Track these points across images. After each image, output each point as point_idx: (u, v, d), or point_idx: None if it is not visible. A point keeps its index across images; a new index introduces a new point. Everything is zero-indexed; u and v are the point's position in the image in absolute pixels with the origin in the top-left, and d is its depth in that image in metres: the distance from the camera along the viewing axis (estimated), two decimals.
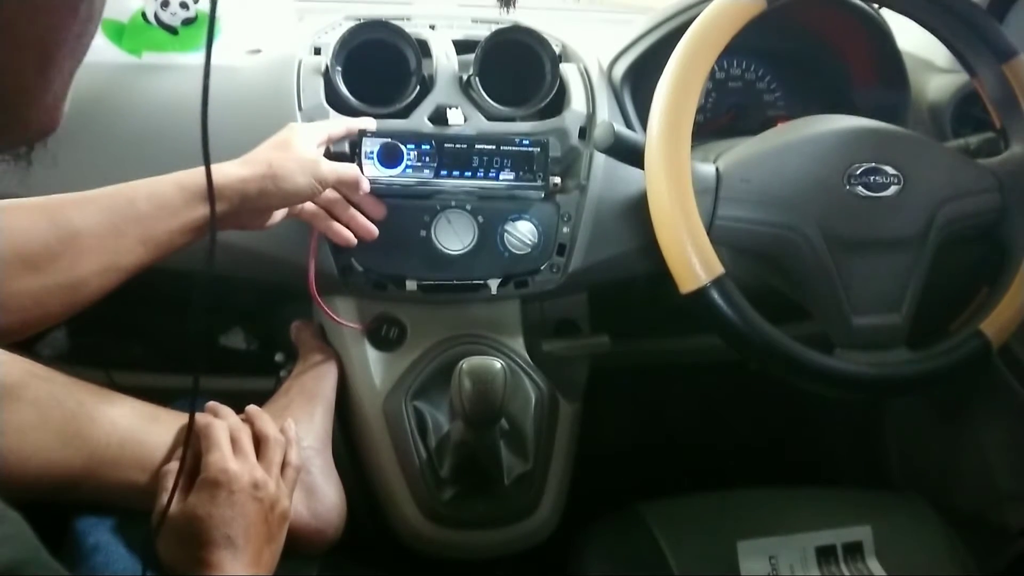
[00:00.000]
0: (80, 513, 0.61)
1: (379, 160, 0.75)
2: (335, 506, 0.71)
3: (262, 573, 0.59)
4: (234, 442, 0.63)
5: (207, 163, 0.51)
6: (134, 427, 0.63)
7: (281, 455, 0.66)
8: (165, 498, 0.58)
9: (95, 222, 0.54)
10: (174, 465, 0.61)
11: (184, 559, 0.57)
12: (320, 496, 0.70)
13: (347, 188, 0.71)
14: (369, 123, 0.74)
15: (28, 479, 0.58)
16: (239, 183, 0.61)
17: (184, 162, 0.75)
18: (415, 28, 0.85)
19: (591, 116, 0.82)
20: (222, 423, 0.64)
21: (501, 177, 0.78)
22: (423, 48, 0.80)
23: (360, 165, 0.75)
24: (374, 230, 0.74)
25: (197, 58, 0.80)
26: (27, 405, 0.60)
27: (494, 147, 0.77)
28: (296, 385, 0.78)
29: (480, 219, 0.78)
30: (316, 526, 0.69)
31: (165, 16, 0.78)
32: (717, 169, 0.72)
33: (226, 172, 0.61)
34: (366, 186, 0.72)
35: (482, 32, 0.80)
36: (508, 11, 0.75)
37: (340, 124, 0.72)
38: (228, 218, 0.62)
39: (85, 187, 0.74)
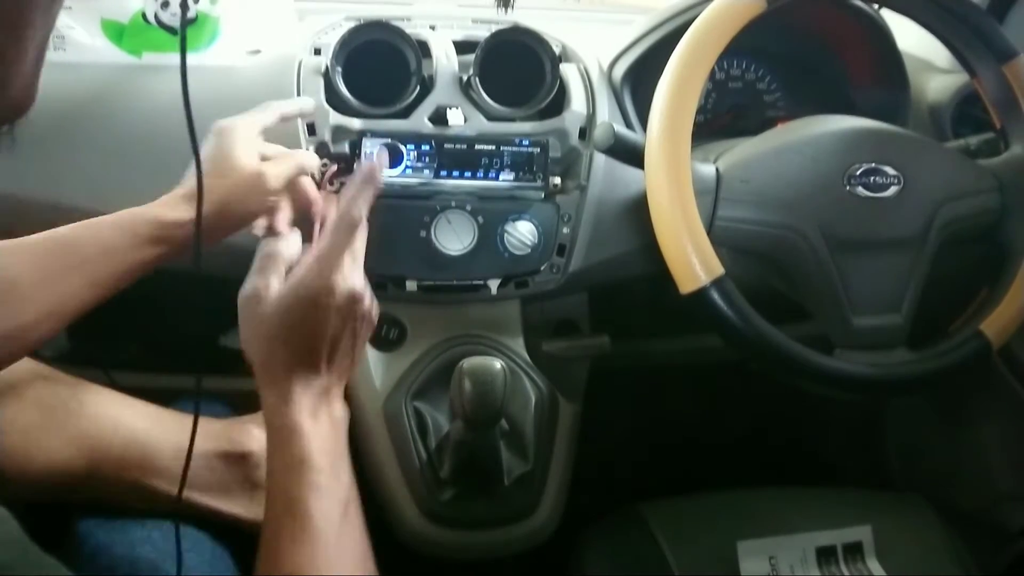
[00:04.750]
0: (83, 515, 0.61)
1: None
2: None
3: (337, 381, 0.55)
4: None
5: (198, 165, 0.51)
6: (137, 428, 0.63)
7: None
8: (260, 282, 0.54)
9: (34, 269, 0.53)
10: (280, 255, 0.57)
11: (261, 363, 0.53)
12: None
13: (294, 190, 0.67)
14: (306, 103, 0.69)
15: (31, 479, 0.58)
16: (189, 224, 0.58)
17: (185, 161, 0.75)
18: (415, 29, 0.85)
19: (591, 116, 0.82)
20: (353, 230, 0.56)
21: (501, 177, 0.78)
22: (423, 48, 0.80)
23: (360, 166, 0.75)
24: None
25: (197, 59, 0.80)
26: (30, 405, 0.60)
27: (494, 147, 0.77)
28: None
29: (480, 219, 0.78)
30: None
31: (165, 16, 0.78)
32: (717, 170, 0.72)
33: (171, 216, 0.58)
34: (314, 163, 0.67)
35: (482, 33, 0.80)
36: (506, 12, 0.75)
37: (273, 112, 0.66)
38: (178, 254, 0.59)
39: (87, 186, 0.74)
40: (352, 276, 0.55)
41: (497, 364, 0.69)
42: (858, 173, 0.73)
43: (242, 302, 0.55)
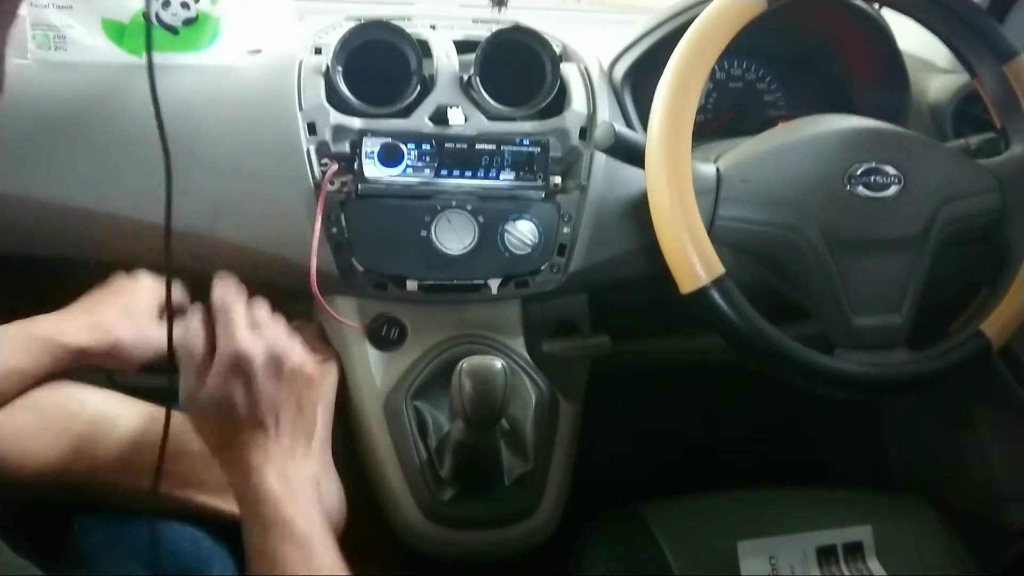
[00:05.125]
0: (80, 513, 0.61)
1: (379, 160, 0.76)
2: (335, 507, 0.71)
3: (298, 441, 0.58)
4: (251, 323, 0.59)
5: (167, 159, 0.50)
6: (136, 428, 0.63)
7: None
8: (190, 387, 0.56)
9: None
10: (196, 343, 0.57)
11: (217, 445, 0.57)
12: (320, 495, 0.69)
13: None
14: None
15: (29, 481, 0.58)
16: (88, 356, 0.62)
17: (184, 162, 0.75)
18: (416, 28, 0.85)
19: (592, 116, 0.82)
20: (237, 298, 0.59)
21: (501, 177, 0.78)
22: (424, 48, 0.80)
23: (360, 165, 0.76)
24: None
25: (198, 58, 0.80)
26: (28, 407, 0.60)
27: (495, 147, 0.77)
28: None
29: (480, 219, 0.78)
30: None
31: (166, 16, 0.78)
32: (718, 169, 0.72)
33: (72, 343, 0.62)
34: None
35: (483, 32, 0.80)
36: (500, 11, 0.76)
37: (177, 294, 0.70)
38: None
39: (87, 186, 0.74)
40: (257, 341, 0.56)
41: (497, 364, 0.69)
42: (859, 173, 0.72)
43: (185, 404, 0.56)
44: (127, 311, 0.66)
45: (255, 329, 0.57)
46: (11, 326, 0.61)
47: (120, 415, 0.64)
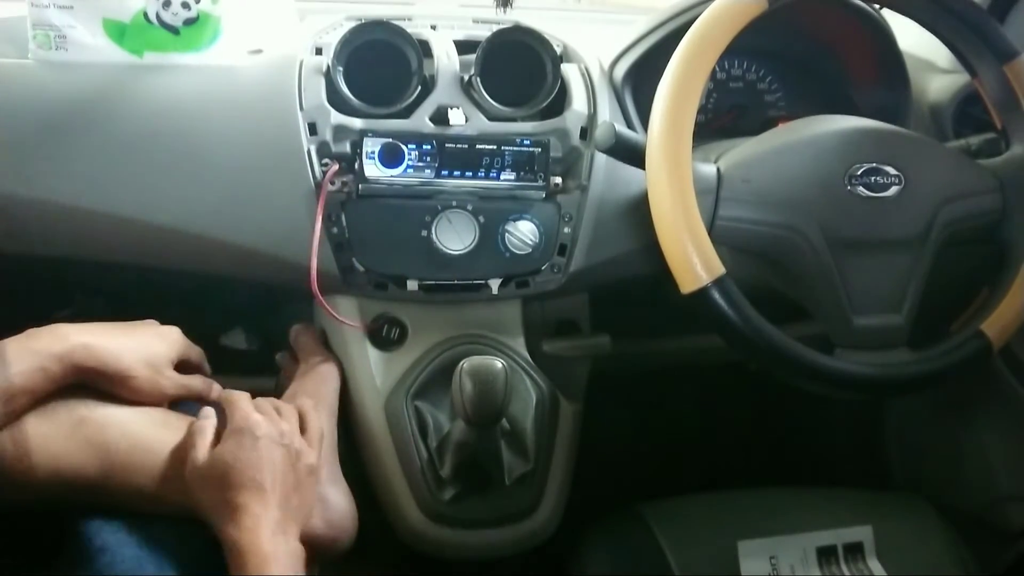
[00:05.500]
0: (88, 515, 0.61)
1: (380, 160, 0.76)
2: (347, 512, 0.70)
3: (290, 518, 0.60)
4: (256, 407, 0.66)
5: None
6: (144, 432, 0.63)
7: (297, 418, 0.68)
8: (198, 450, 0.61)
9: None
10: (209, 422, 0.64)
11: (215, 503, 0.59)
12: (331, 504, 0.69)
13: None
14: (212, 388, 0.72)
15: (39, 485, 0.58)
16: (89, 374, 0.62)
17: (184, 162, 0.75)
18: (416, 28, 0.85)
19: (592, 116, 0.82)
20: (244, 394, 0.67)
21: (502, 177, 0.78)
22: (424, 48, 0.80)
23: (361, 165, 0.76)
24: None
25: (198, 58, 0.80)
26: (38, 412, 0.60)
27: (495, 147, 0.77)
28: (298, 389, 0.77)
29: (481, 219, 0.78)
30: (330, 534, 0.68)
31: (167, 16, 0.78)
32: (718, 169, 0.72)
33: (80, 362, 0.61)
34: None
35: (483, 32, 0.80)
36: (505, 11, 0.76)
37: (195, 353, 0.73)
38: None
39: (87, 186, 0.74)
40: (264, 417, 0.63)
41: (498, 364, 0.69)
42: (859, 173, 0.73)
43: (191, 470, 0.61)
44: (146, 351, 0.66)
45: (261, 412, 0.64)
46: (27, 340, 0.60)
47: (128, 419, 0.63)
